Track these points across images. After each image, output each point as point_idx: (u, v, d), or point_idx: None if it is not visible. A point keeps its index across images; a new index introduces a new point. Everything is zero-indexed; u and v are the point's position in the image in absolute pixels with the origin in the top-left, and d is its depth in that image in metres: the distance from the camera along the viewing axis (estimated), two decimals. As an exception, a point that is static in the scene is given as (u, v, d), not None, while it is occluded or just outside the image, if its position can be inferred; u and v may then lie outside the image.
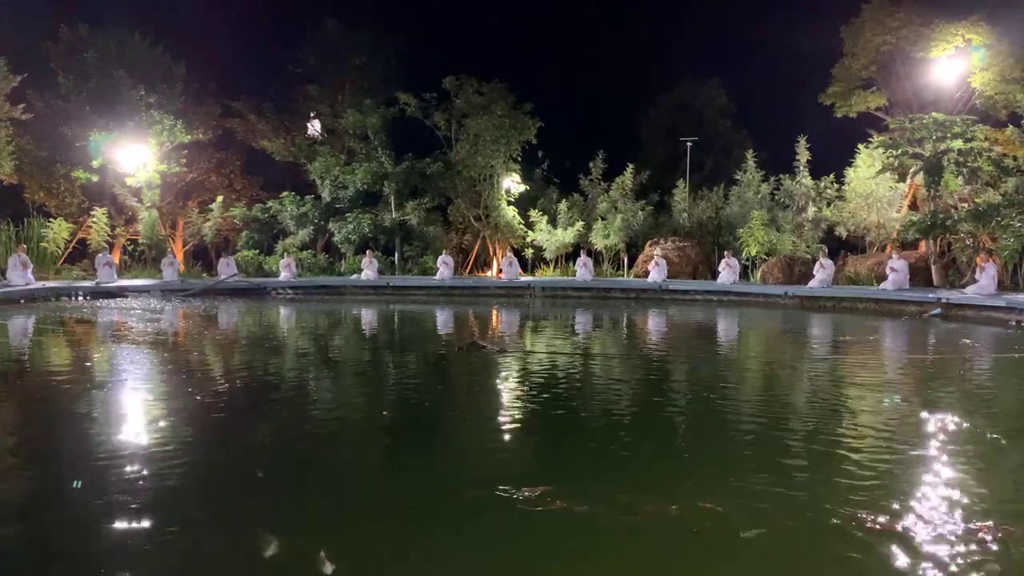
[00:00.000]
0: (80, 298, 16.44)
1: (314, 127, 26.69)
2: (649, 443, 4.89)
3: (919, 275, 17.24)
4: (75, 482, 3.86)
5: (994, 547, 3.11)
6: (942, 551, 3.06)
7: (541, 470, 4.36)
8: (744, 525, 3.34)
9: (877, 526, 3.30)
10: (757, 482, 3.96)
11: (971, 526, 3.31)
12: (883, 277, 16.57)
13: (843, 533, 3.27)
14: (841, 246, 21.39)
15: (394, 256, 24.29)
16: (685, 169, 24.08)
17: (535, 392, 6.51)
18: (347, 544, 3.19)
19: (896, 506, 3.54)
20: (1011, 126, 18.66)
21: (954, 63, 19.52)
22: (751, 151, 22.56)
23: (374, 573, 2.98)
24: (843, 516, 3.43)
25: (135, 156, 22.07)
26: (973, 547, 3.10)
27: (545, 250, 23.56)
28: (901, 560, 2.99)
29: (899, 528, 3.28)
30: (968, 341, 10.39)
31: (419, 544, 3.21)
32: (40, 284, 17.46)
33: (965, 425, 5.21)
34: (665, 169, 26.88)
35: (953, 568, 2.92)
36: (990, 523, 3.33)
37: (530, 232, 23.99)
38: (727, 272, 18.46)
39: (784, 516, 3.52)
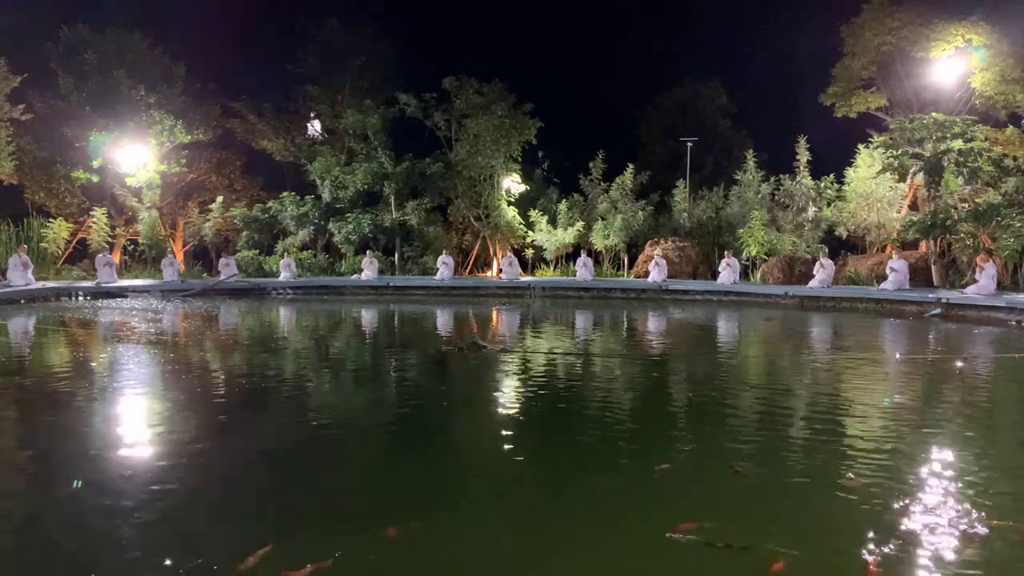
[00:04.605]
0: (80, 298, 16.45)
1: (314, 127, 26.70)
2: (647, 441, 4.89)
3: (919, 275, 17.25)
4: (75, 482, 3.86)
5: (991, 545, 3.12)
6: (941, 549, 3.07)
7: (540, 468, 4.35)
8: (745, 534, 3.34)
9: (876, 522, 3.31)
10: (758, 483, 3.96)
11: (970, 524, 3.31)
12: (883, 277, 16.59)
13: (841, 531, 3.28)
14: (841, 246, 21.42)
15: (394, 256, 24.29)
16: (685, 169, 24.09)
17: (535, 391, 6.51)
18: (345, 544, 3.20)
19: (896, 505, 3.55)
20: (1011, 126, 18.68)
21: (954, 63, 19.53)
22: (751, 151, 22.57)
23: (375, 570, 2.98)
24: (842, 514, 3.43)
25: (135, 156, 22.07)
26: (971, 545, 3.11)
27: (545, 250, 23.56)
28: (900, 560, 2.99)
29: (899, 526, 3.29)
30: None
31: (417, 537, 3.21)
32: (40, 284, 17.47)
33: (963, 425, 5.21)
34: (665, 169, 26.90)
35: (951, 566, 2.93)
36: (988, 520, 3.34)
37: (530, 232, 23.99)
38: (727, 272, 18.46)
39: (783, 520, 3.52)
